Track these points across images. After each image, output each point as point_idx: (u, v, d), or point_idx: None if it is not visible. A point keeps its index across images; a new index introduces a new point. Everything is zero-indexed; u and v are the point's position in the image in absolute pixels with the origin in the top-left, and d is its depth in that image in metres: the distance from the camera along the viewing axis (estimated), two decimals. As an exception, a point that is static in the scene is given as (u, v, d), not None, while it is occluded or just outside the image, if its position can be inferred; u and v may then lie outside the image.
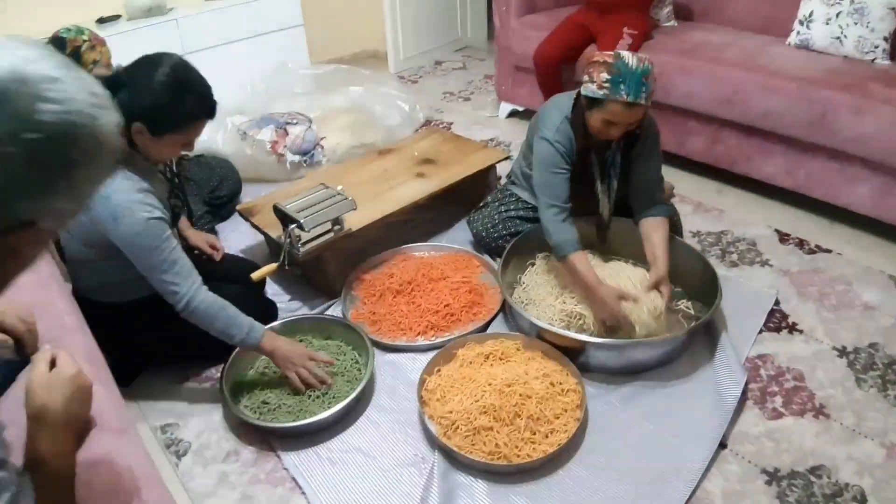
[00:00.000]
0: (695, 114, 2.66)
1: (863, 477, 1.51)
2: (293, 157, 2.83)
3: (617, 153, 1.93)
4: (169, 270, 1.53)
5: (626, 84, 1.66)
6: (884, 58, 2.45)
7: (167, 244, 1.53)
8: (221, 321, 1.59)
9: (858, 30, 2.45)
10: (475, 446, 1.53)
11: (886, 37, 2.43)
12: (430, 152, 2.59)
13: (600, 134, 1.81)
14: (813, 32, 2.56)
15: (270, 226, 2.11)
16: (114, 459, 1.02)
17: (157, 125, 1.47)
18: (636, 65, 1.67)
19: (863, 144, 2.22)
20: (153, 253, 1.51)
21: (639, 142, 1.91)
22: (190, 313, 1.56)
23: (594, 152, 1.93)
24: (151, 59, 1.47)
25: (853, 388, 1.76)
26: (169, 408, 1.80)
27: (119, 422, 1.12)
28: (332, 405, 1.66)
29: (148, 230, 1.50)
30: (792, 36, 2.64)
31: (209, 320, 1.57)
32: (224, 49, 3.46)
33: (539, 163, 1.91)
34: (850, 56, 2.50)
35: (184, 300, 1.54)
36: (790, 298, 2.10)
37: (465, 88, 4.04)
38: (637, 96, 1.67)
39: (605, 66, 1.69)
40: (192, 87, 1.48)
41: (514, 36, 3.18)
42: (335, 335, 1.92)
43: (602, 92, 1.70)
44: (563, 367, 1.73)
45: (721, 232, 2.46)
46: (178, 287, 1.54)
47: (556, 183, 1.88)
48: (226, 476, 1.60)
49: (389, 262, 2.26)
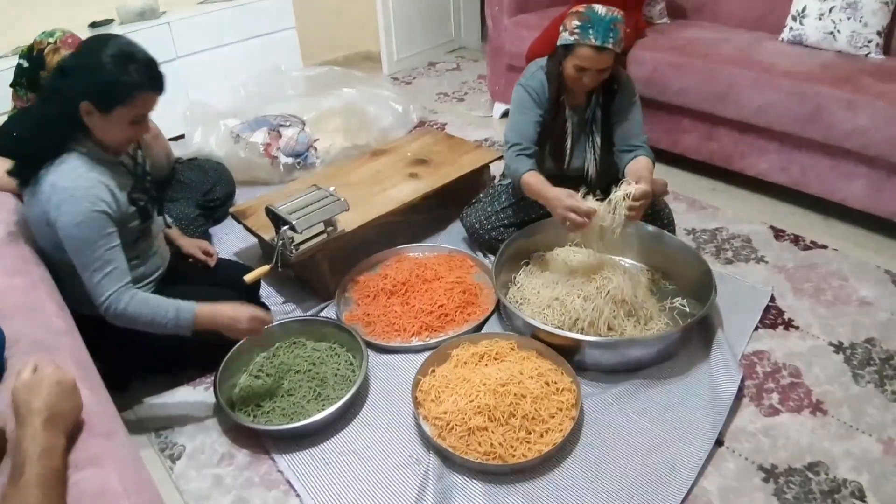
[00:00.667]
0: (688, 111, 2.66)
1: (861, 473, 1.51)
2: (286, 160, 2.83)
3: (597, 109, 2.00)
4: (101, 270, 1.48)
5: (594, 29, 1.78)
6: (877, 52, 2.45)
7: (105, 241, 1.48)
8: (146, 315, 1.53)
9: (852, 24, 2.44)
10: (470, 447, 1.52)
11: (880, 31, 2.43)
12: (423, 153, 2.58)
13: (575, 83, 1.90)
14: (806, 28, 2.55)
15: (263, 228, 2.10)
16: (101, 463, 1.00)
17: (103, 100, 1.43)
18: (605, 13, 1.79)
19: (857, 139, 2.21)
20: (88, 247, 1.47)
21: (616, 96, 1.98)
22: (113, 317, 1.52)
23: (572, 109, 2.01)
24: (94, 40, 1.46)
25: (850, 383, 1.75)
26: (163, 412, 1.79)
27: (107, 425, 1.11)
28: (327, 407, 1.64)
29: (88, 222, 1.45)
30: (785, 32, 2.64)
31: (135, 318, 1.53)
32: (217, 52, 3.45)
33: (511, 107, 2.05)
34: (844, 51, 2.49)
35: (106, 303, 1.50)
36: (786, 295, 2.09)
37: (459, 89, 4.04)
38: (605, 40, 1.78)
39: (576, 15, 1.82)
40: (134, 58, 1.44)
41: (507, 36, 3.19)
42: (328, 337, 1.91)
43: (573, 38, 1.82)
44: (557, 366, 1.72)
45: (716, 229, 2.46)
46: (103, 288, 1.49)
47: (523, 123, 1.99)
48: (220, 479, 1.59)
49: (383, 263, 2.25)
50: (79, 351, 1.35)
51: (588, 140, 2.05)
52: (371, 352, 1.88)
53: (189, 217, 2.30)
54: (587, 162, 2.07)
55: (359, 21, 4.40)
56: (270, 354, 1.89)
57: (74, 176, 1.46)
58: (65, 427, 0.98)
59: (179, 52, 3.29)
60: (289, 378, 1.79)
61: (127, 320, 1.53)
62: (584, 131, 2.04)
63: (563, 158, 2.07)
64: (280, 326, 1.92)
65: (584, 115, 2.02)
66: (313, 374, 1.80)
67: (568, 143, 2.04)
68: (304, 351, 1.88)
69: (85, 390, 1.11)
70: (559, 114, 2.00)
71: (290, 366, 1.83)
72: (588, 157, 2.06)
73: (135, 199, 1.61)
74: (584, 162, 2.07)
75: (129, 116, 1.48)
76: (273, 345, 1.91)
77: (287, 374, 1.81)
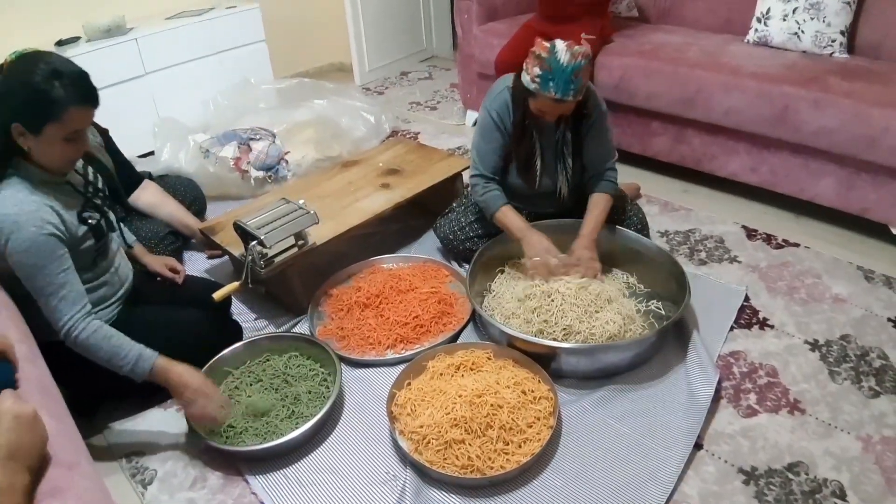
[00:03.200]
0: (658, 114, 2.67)
1: (841, 472, 1.50)
2: (257, 173, 2.79)
3: (567, 132, 1.99)
4: (55, 294, 1.44)
5: (554, 82, 1.74)
6: (841, 51, 2.48)
7: (57, 264, 1.44)
8: (104, 352, 1.49)
9: (815, 24, 2.47)
10: (447, 461, 1.49)
11: (843, 30, 2.46)
12: (394, 162, 2.56)
13: (539, 116, 1.90)
14: (771, 29, 2.58)
15: (233, 244, 2.06)
16: (63, 496, 0.95)
17: (32, 119, 1.38)
18: (567, 61, 1.72)
19: (825, 138, 2.23)
20: (40, 272, 1.42)
21: (585, 119, 1.97)
22: (72, 344, 1.47)
23: (540, 132, 1.99)
24: (21, 61, 1.43)
25: (827, 381, 1.75)
26: (134, 437, 1.74)
27: (70, 455, 1.06)
28: (300, 425, 1.60)
29: (36, 247, 1.41)
30: (750, 34, 2.66)
31: (93, 351, 1.48)
32: (186, 67, 3.41)
33: (476, 129, 2.06)
34: (809, 51, 2.52)
35: (65, 328, 1.46)
36: (760, 294, 2.10)
37: (432, 98, 4.03)
38: (565, 94, 1.76)
39: (538, 60, 1.76)
40: (61, 74, 1.38)
41: (477, 44, 3.19)
42: (301, 352, 1.87)
43: (534, 86, 1.79)
44: (534, 375, 1.70)
45: (689, 230, 2.46)
46: (61, 313, 1.45)
47: (485, 151, 2.02)
48: (193, 503, 1.54)
49: (357, 276, 2.22)
50: (43, 378, 1.30)
51: (560, 162, 2.02)
52: (345, 366, 1.85)
53: (158, 235, 2.25)
54: (559, 183, 2.06)
55: (330, 32, 4.38)
56: (241, 373, 1.84)
57: (16, 201, 1.41)
58: (28, 462, 0.93)
59: (148, 68, 3.25)
60: (261, 396, 1.74)
61: (84, 350, 1.48)
62: (554, 154, 2.02)
63: (534, 180, 2.04)
64: (249, 344, 1.88)
65: (553, 137, 2.00)
66: (286, 392, 1.75)
67: (538, 166, 2.02)
68: (276, 368, 1.84)
69: (49, 419, 1.06)
70: (525, 136, 1.97)
71: (263, 384, 1.79)
72: (560, 179, 2.05)
73: (85, 219, 1.56)
74: (556, 183, 2.06)
75: (61, 134, 1.42)
76: (244, 362, 1.87)
77: (259, 392, 1.76)
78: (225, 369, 1.83)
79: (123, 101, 3.15)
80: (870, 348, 1.85)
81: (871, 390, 1.71)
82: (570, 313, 1.78)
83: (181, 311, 1.68)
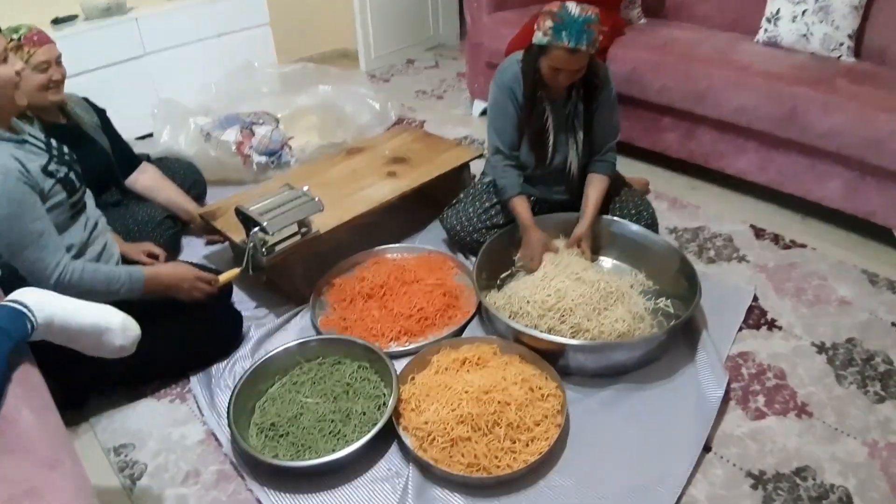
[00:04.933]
0: (669, 110, 2.65)
1: (847, 477, 1.49)
2: (259, 158, 2.74)
3: (578, 103, 1.99)
4: (36, 243, 1.40)
5: (567, 31, 1.75)
6: (849, 55, 2.48)
7: (31, 213, 1.40)
8: (100, 283, 1.50)
9: (824, 27, 2.47)
10: (453, 458, 1.46)
11: (850, 34, 2.46)
12: (401, 151, 2.52)
13: (551, 81, 1.89)
14: (780, 30, 2.58)
15: (234, 230, 2.01)
16: (41, 497, 0.91)
17: None
18: (578, 13, 1.76)
19: (832, 140, 2.22)
20: (16, 223, 1.38)
21: (597, 91, 1.98)
22: (65, 287, 1.43)
23: (551, 104, 1.98)
24: None
25: (833, 385, 1.73)
26: (124, 427, 1.69)
27: (51, 453, 1.01)
28: (338, 448, 1.51)
29: (5, 195, 1.36)
30: (760, 33, 2.66)
31: (89, 286, 1.47)
32: (187, 48, 3.34)
33: (489, 108, 2.07)
34: (817, 53, 2.52)
35: (56, 272, 1.43)
36: (768, 294, 2.08)
37: (438, 87, 3.98)
38: (578, 42, 1.75)
39: (550, 15, 1.78)
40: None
41: (486, 32, 3.14)
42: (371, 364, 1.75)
43: (546, 39, 1.79)
44: (541, 371, 1.67)
45: (698, 228, 2.44)
46: (45, 262, 1.42)
47: (503, 125, 2.02)
48: (184, 500, 1.50)
49: (360, 266, 2.19)
50: (27, 369, 1.25)
51: (570, 135, 2.03)
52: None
53: (156, 220, 2.19)
54: (570, 158, 2.05)
55: (335, 17, 4.32)
56: (310, 368, 1.76)
57: None
58: None
59: (148, 49, 3.19)
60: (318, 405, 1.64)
61: (81, 290, 1.45)
62: (565, 126, 2.02)
63: (546, 154, 2.04)
64: (325, 341, 1.81)
65: (564, 109, 2.00)
66: (342, 406, 1.63)
67: (550, 139, 2.02)
68: (343, 375, 1.73)
69: (30, 414, 1.03)
70: (535, 108, 1.98)
71: (324, 389, 1.69)
72: (570, 154, 2.05)
73: (52, 172, 1.51)
74: (566, 157, 2.05)
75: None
76: (318, 357, 1.79)
77: (319, 397, 1.67)
78: (297, 358, 1.77)
79: (122, 81, 3.10)
80: (875, 352, 1.83)
81: (877, 395, 1.70)
82: (578, 311, 1.75)
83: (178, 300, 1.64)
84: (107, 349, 1.31)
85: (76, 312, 1.25)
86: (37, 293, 1.22)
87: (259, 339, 1.91)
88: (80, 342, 1.27)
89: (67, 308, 1.24)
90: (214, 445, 1.62)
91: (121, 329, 1.31)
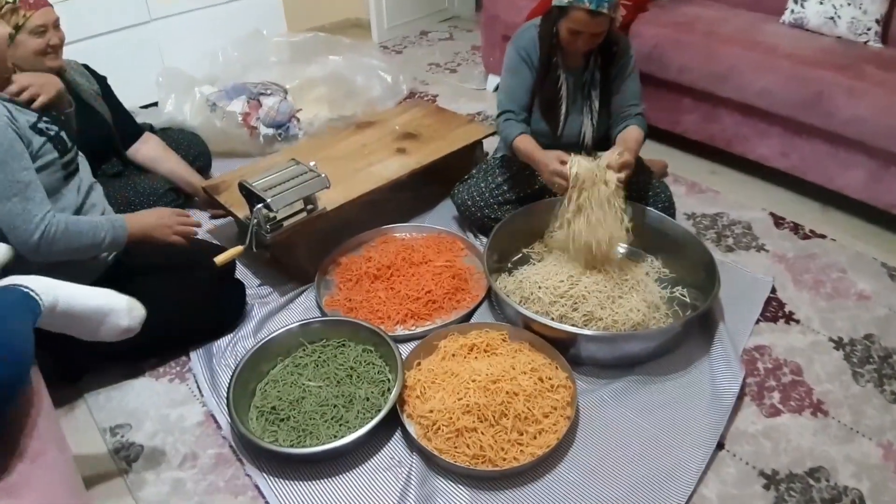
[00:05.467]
0: (690, 90, 2.56)
1: (861, 479, 1.44)
2: (266, 131, 2.67)
3: (595, 71, 1.95)
4: (21, 194, 1.35)
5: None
6: (876, 40, 2.39)
7: (19, 162, 1.35)
8: (85, 234, 1.46)
9: (851, 11, 2.38)
10: (458, 449, 1.42)
11: (878, 19, 2.37)
12: (412, 126, 2.44)
13: (570, 45, 1.85)
14: (807, 11, 2.49)
15: (238, 205, 1.96)
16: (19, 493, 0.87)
17: None
18: None
19: (857, 127, 2.14)
20: (1, 171, 1.33)
21: (615, 59, 1.94)
22: (50, 241, 1.40)
23: (568, 71, 1.95)
24: None
25: (850, 382, 1.69)
26: (120, 407, 1.65)
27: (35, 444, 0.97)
28: (340, 435, 1.47)
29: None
30: (786, 14, 2.57)
31: (76, 237, 1.43)
32: (194, 15, 3.25)
33: (503, 70, 2.03)
34: (844, 37, 2.43)
35: (42, 225, 1.38)
36: (786, 286, 2.02)
37: (452, 60, 3.88)
38: (599, 4, 1.72)
39: None
40: None
41: (503, 4, 3.04)
42: (376, 349, 1.71)
43: (567, 0, 1.75)
44: (551, 360, 1.62)
45: (716, 214, 2.37)
46: (31, 213, 1.37)
47: (514, 86, 1.98)
48: (181, 484, 1.47)
49: (367, 245, 2.13)
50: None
51: (585, 104, 1.98)
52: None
53: (158, 192, 2.14)
54: (584, 127, 2.00)
55: (347, -14, 4.21)
56: (314, 350, 1.72)
57: None
58: None
59: (153, 15, 3.09)
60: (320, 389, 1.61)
61: (65, 244, 1.42)
62: (580, 95, 1.97)
63: (558, 122, 1.99)
64: (332, 322, 1.77)
65: (581, 77, 1.95)
66: (345, 390, 1.59)
67: (563, 107, 1.97)
68: (347, 358, 1.68)
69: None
70: (550, 75, 1.93)
71: (327, 372, 1.65)
72: (585, 123, 2.00)
73: (41, 130, 1.46)
74: (580, 127, 2.00)
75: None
76: (321, 339, 1.75)
77: (322, 380, 1.63)
78: (301, 339, 1.73)
79: (126, 48, 3.01)
80: (893, 350, 1.78)
81: (893, 394, 1.65)
82: (591, 298, 1.69)
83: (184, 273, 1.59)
84: (111, 332, 1.29)
85: (80, 295, 1.23)
86: (38, 278, 1.19)
87: (262, 318, 1.87)
88: (81, 326, 1.25)
89: (71, 291, 1.22)
90: (213, 428, 1.58)
91: (126, 310, 1.29)
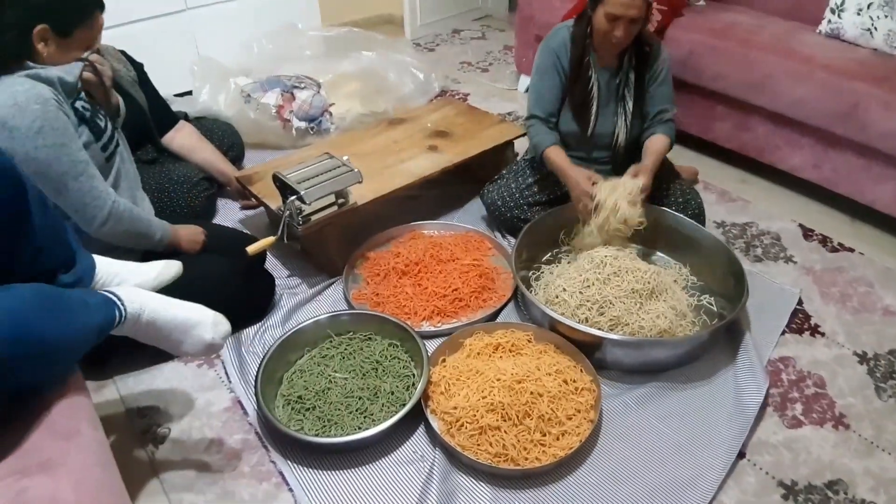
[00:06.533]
0: (723, 98, 2.55)
1: (878, 493, 1.45)
2: (299, 124, 2.71)
3: (630, 72, 1.96)
4: (86, 172, 1.37)
5: None
6: (912, 54, 2.35)
7: (76, 142, 1.37)
8: (144, 221, 1.50)
9: (889, 23, 2.34)
10: (480, 447, 1.44)
11: (915, 33, 2.32)
12: (443, 124, 2.47)
13: (606, 37, 1.83)
14: (844, 22, 2.45)
15: (270, 196, 1.99)
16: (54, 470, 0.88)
17: (62, 20, 1.34)
18: None
19: (891, 141, 2.12)
20: (64, 153, 1.34)
21: (650, 60, 1.95)
22: (117, 219, 1.43)
23: (601, 71, 1.97)
24: None
25: (873, 397, 1.68)
26: (148, 390, 1.68)
27: (67, 423, 0.98)
28: (364, 427, 1.50)
29: (49, 123, 1.31)
30: (823, 24, 2.53)
31: (133, 222, 1.47)
32: (230, 5, 3.28)
33: (533, 71, 2.04)
34: (880, 49, 2.39)
35: (110, 200, 1.41)
36: (813, 298, 2.01)
37: (484, 59, 3.89)
38: None
39: None
40: None
41: (538, 5, 3.04)
42: (402, 344, 1.73)
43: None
44: (576, 363, 1.64)
45: (746, 223, 2.37)
46: (98, 190, 1.39)
47: (543, 90, 2.00)
48: (206, 468, 1.49)
49: (396, 240, 2.16)
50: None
51: (620, 105, 1.99)
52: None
53: (192, 181, 2.16)
54: (617, 128, 2.01)
55: (381, -18, 4.23)
56: (341, 342, 1.74)
57: (4, 87, 1.31)
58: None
59: (189, 4, 3.13)
60: (346, 380, 1.63)
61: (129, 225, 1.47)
62: (614, 95, 1.98)
63: (588, 123, 2.00)
64: (359, 315, 1.78)
65: (615, 78, 1.97)
66: (370, 383, 1.62)
67: (594, 107, 1.97)
68: (373, 352, 1.71)
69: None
70: (582, 75, 1.95)
71: (353, 364, 1.67)
72: (619, 123, 2.00)
73: (77, 109, 1.47)
74: (613, 128, 2.01)
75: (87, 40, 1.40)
76: (349, 332, 1.77)
77: (349, 372, 1.65)
78: (328, 331, 1.76)
79: (161, 36, 3.05)
80: (916, 366, 1.77)
81: (914, 410, 1.64)
82: (618, 304, 1.70)
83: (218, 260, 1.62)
84: (194, 346, 1.29)
85: (167, 306, 1.24)
86: (127, 288, 1.21)
87: (291, 308, 1.90)
88: (166, 338, 1.26)
89: (158, 301, 1.23)
90: (240, 414, 1.62)
91: (212, 324, 1.30)
